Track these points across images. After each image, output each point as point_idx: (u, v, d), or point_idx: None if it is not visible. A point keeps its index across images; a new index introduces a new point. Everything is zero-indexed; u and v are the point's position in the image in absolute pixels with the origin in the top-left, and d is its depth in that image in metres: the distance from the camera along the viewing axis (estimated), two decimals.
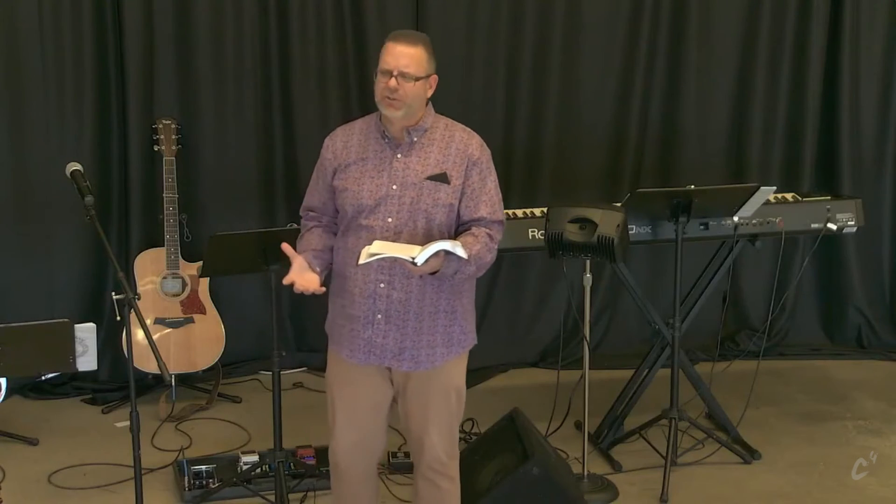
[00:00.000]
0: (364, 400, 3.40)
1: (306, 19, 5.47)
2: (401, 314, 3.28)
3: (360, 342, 3.31)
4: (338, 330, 3.39)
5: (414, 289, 3.27)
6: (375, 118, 3.35)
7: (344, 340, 3.35)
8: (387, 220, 3.24)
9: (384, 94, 3.21)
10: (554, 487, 3.83)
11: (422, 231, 3.25)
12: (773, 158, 6.02)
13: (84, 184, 3.42)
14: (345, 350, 3.35)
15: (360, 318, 3.29)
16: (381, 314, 3.27)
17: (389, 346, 3.30)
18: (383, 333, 3.29)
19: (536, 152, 5.80)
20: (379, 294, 3.26)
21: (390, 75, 3.19)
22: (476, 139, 3.37)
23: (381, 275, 3.25)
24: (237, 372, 5.61)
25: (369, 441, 3.45)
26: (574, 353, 5.54)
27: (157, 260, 5.15)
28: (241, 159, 5.55)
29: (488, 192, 3.33)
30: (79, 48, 5.24)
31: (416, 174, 3.26)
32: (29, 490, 4.36)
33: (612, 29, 5.79)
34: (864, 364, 5.99)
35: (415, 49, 3.21)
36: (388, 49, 3.22)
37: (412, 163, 3.27)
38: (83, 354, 3.31)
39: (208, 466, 4.36)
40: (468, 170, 3.30)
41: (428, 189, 3.25)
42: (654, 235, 4.61)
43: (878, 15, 5.98)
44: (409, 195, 3.25)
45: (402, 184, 3.25)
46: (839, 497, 4.36)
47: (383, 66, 3.21)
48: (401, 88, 3.19)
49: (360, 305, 3.28)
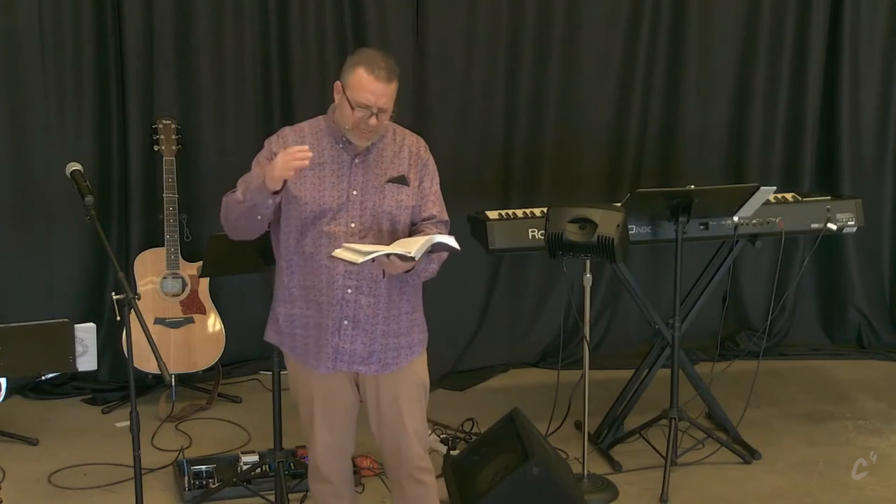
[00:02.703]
0: (338, 403, 3.41)
1: (306, 19, 5.47)
2: (370, 318, 3.28)
3: (327, 350, 3.28)
4: (297, 340, 3.35)
5: (382, 292, 3.27)
6: (326, 122, 3.32)
7: (309, 351, 3.32)
8: (350, 224, 3.24)
9: (359, 126, 3.20)
10: (554, 487, 3.82)
11: (387, 233, 3.27)
12: (773, 158, 6.02)
13: (84, 184, 3.41)
14: (310, 360, 3.32)
15: (326, 327, 3.27)
16: (347, 320, 3.26)
17: (358, 352, 3.29)
18: (350, 339, 3.28)
19: (536, 152, 5.80)
20: (347, 300, 3.25)
21: (370, 112, 3.18)
22: (422, 142, 3.41)
23: (348, 280, 3.23)
24: (237, 372, 5.61)
25: (345, 440, 3.49)
26: (574, 353, 5.54)
27: (157, 260, 5.15)
28: (241, 159, 5.51)
29: (435, 193, 3.39)
30: (79, 48, 5.24)
31: (375, 178, 3.28)
32: (29, 490, 4.36)
33: (612, 29, 5.79)
34: (864, 364, 5.99)
35: (393, 86, 3.20)
36: (365, 84, 3.16)
37: (370, 167, 3.28)
38: (83, 354, 3.31)
39: (208, 466, 4.36)
40: (420, 171, 3.35)
41: (391, 191, 3.28)
42: (654, 235, 4.60)
43: (878, 15, 5.99)
44: (371, 199, 3.26)
45: (362, 188, 3.26)
46: (839, 497, 4.36)
47: (362, 101, 3.16)
48: (379, 123, 3.20)
49: (328, 313, 3.25)
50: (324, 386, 3.36)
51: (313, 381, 3.36)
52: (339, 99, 3.23)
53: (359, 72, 3.17)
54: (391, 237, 3.26)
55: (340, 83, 3.22)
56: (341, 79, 3.22)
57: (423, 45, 5.60)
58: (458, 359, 5.75)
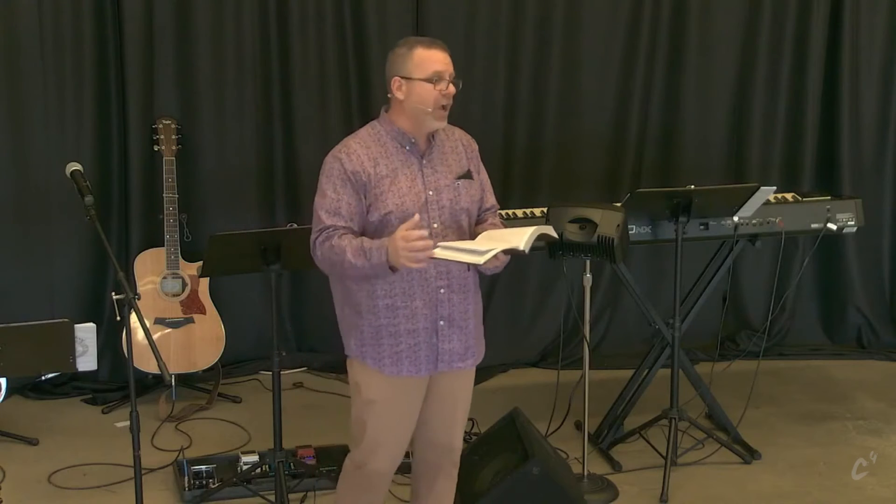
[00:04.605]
0: (412, 413, 3.37)
1: (306, 19, 5.47)
2: (463, 315, 3.30)
3: (427, 354, 3.27)
4: (385, 350, 3.26)
5: (470, 287, 3.32)
6: (384, 127, 3.27)
7: (402, 358, 3.26)
8: (433, 225, 3.22)
9: (441, 102, 3.19)
10: (554, 487, 3.83)
11: (467, 228, 3.29)
12: (773, 158, 6.01)
13: (84, 184, 3.42)
14: (405, 367, 3.27)
15: (423, 330, 3.25)
16: (443, 320, 3.26)
17: (456, 350, 3.31)
18: (448, 338, 3.28)
19: (536, 152, 5.80)
20: (441, 300, 3.25)
21: (447, 81, 3.19)
22: (467, 134, 3.44)
23: (440, 280, 3.24)
24: (237, 372, 5.61)
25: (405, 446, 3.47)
26: (574, 353, 5.54)
27: (157, 260, 5.15)
28: (241, 159, 5.55)
29: (488, 182, 3.45)
30: (79, 48, 5.24)
31: (445, 176, 3.28)
32: (29, 490, 4.36)
33: (612, 29, 5.79)
34: (864, 364, 5.99)
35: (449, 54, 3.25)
36: (432, 56, 3.17)
37: (437, 165, 3.28)
38: (83, 354, 3.30)
39: (208, 466, 4.36)
40: (476, 163, 3.39)
41: (464, 188, 3.30)
42: (654, 235, 4.60)
43: (878, 15, 5.98)
44: (447, 197, 3.26)
45: (436, 188, 3.25)
46: (839, 497, 4.36)
47: (438, 70, 3.17)
48: (456, 91, 3.22)
49: (423, 317, 3.24)
50: (404, 396, 3.32)
51: (394, 390, 3.30)
52: (408, 90, 3.19)
53: (418, 51, 3.19)
54: (470, 233, 3.29)
55: (398, 77, 3.20)
56: (397, 73, 3.20)
57: None
58: None
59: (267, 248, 3.96)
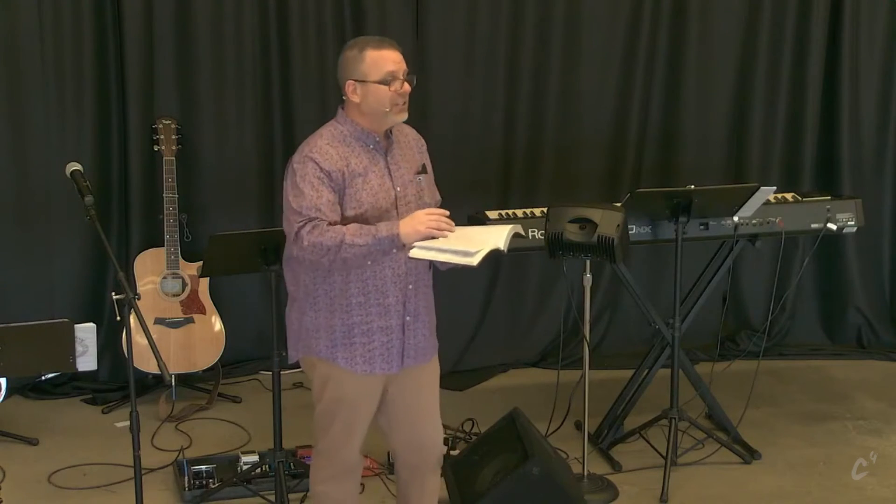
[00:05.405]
0: (373, 407, 3.40)
1: (306, 19, 5.46)
2: (426, 309, 3.36)
3: (399, 350, 3.30)
4: (357, 349, 3.27)
5: (429, 282, 3.38)
6: (345, 127, 3.26)
7: (374, 356, 3.28)
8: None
9: (397, 101, 3.21)
10: (554, 487, 3.83)
11: None
12: (773, 158, 6.01)
13: (84, 184, 3.42)
14: (378, 365, 3.29)
15: (393, 327, 3.28)
16: (410, 316, 3.31)
17: (421, 345, 3.36)
18: (414, 334, 3.33)
19: (536, 152, 5.80)
20: (409, 296, 3.29)
21: (401, 80, 3.20)
22: (415, 130, 3.46)
23: (409, 277, 3.28)
24: (237, 372, 5.61)
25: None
26: (574, 353, 5.54)
27: (157, 260, 5.15)
28: (241, 159, 5.55)
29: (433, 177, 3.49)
30: (79, 48, 5.24)
31: (407, 172, 3.32)
32: (29, 490, 4.36)
33: (612, 29, 5.78)
34: (864, 364, 5.98)
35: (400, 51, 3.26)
36: (384, 56, 3.19)
37: (400, 162, 3.31)
38: (83, 354, 3.30)
39: (208, 466, 4.37)
40: (426, 158, 3.43)
41: (424, 183, 3.36)
42: (654, 235, 4.60)
43: (878, 15, 5.98)
44: (412, 192, 3.30)
45: (402, 184, 3.29)
46: (839, 497, 4.36)
47: (391, 70, 3.18)
48: (410, 88, 3.24)
49: (395, 315, 3.27)
50: (368, 391, 3.34)
51: (360, 387, 3.33)
52: (363, 92, 3.20)
53: (369, 52, 3.19)
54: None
55: (352, 81, 3.20)
56: (350, 76, 3.21)
57: (423, 44, 5.59)
58: (458, 359, 5.74)
59: (267, 248, 3.97)
